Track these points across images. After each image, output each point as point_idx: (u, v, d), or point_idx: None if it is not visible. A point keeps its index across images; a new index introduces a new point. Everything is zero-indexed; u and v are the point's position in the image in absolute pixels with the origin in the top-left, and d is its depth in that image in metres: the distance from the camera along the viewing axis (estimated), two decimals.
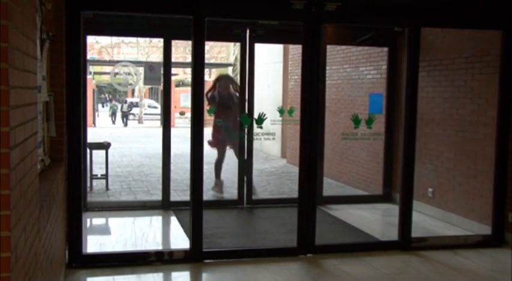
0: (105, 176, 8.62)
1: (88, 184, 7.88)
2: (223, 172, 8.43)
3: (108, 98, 35.17)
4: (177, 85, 32.72)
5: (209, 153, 6.29)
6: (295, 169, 11.20)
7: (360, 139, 6.73)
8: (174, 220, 6.75)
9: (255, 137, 6.82)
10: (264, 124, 9.24)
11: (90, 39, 26.85)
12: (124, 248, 5.65)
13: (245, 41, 7.62)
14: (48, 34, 4.09)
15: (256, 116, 6.55)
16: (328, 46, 8.40)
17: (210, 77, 31.54)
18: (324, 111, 7.94)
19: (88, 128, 7.36)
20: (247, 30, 7.45)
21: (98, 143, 8.55)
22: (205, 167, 5.35)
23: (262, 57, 15.46)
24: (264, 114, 6.41)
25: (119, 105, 32.04)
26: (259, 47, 7.85)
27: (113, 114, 30.86)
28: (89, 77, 23.18)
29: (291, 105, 8.51)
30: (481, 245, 5.73)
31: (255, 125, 6.58)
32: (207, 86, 7.29)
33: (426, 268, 5.07)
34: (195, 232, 5.08)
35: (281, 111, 8.44)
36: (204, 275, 4.92)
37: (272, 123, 8.14)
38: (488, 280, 4.83)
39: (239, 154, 7.64)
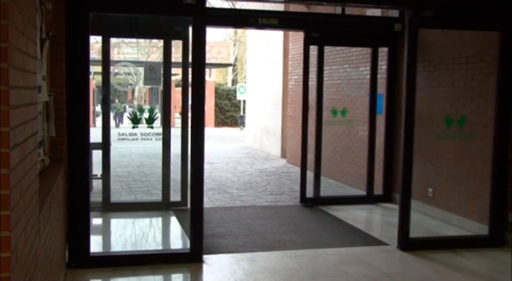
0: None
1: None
2: None
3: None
4: (177, 85, 32.73)
5: (209, 153, 6.28)
6: (295, 169, 11.26)
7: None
8: (174, 220, 6.75)
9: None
10: (265, 124, 9.20)
11: (90, 39, 26.83)
12: (124, 248, 5.65)
13: None
14: (48, 34, 4.10)
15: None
16: (327, 46, 8.41)
17: (210, 77, 31.60)
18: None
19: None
20: None
21: (98, 143, 8.54)
22: (205, 167, 5.36)
23: (262, 58, 15.49)
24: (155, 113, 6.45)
25: (122, 106, 30.22)
26: (260, 47, 7.83)
27: (117, 115, 27.64)
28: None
29: (344, 106, 8.55)
30: (481, 245, 5.73)
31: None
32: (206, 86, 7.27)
33: (426, 268, 5.07)
34: (195, 232, 5.08)
35: (334, 112, 8.47)
36: (204, 275, 4.92)
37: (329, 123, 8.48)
38: (488, 280, 4.83)
39: None
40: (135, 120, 6.62)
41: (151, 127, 5.97)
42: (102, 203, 6.99)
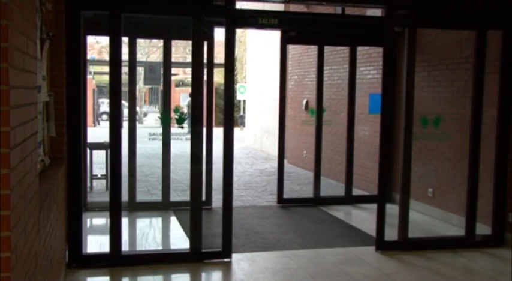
0: (105, 176, 8.61)
1: (88, 184, 7.88)
2: None
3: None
4: (177, 85, 32.73)
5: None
6: (295, 169, 11.26)
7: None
8: (174, 220, 6.75)
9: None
10: (265, 124, 9.20)
11: (90, 39, 26.83)
12: (124, 248, 5.64)
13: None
14: (48, 34, 4.09)
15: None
16: (327, 46, 8.42)
17: None
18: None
19: (88, 128, 7.37)
20: None
21: (98, 143, 8.55)
22: (205, 167, 5.36)
23: (262, 58, 15.48)
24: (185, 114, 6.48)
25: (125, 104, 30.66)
26: (260, 47, 7.84)
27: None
28: (89, 77, 23.18)
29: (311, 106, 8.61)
30: (481, 245, 5.73)
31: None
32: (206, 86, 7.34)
33: (426, 268, 5.07)
34: (194, 232, 5.08)
35: (312, 111, 8.48)
36: (204, 275, 4.92)
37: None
38: (488, 280, 4.83)
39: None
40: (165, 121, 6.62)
41: (182, 127, 6.01)
42: (128, 203, 7.04)
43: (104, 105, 29.33)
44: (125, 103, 14.10)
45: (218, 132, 6.92)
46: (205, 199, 7.34)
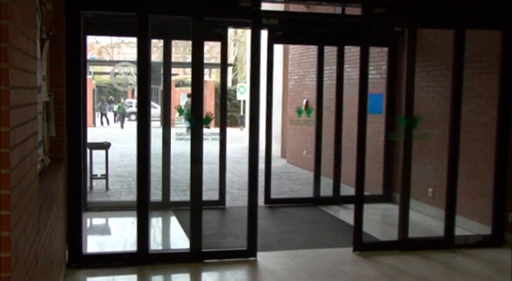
0: (105, 176, 8.61)
1: (88, 184, 7.88)
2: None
3: (110, 99, 32.91)
4: (177, 85, 32.70)
5: (209, 153, 6.29)
6: (295, 169, 11.25)
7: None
8: (174, 220, 6.75)
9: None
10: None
11: (90, 39, 26.83)
12: (124, 248, 5.65)
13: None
14: (48, 34, 4.09)
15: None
16: (327, 46, 8.41)
17: (210, 77, 31.58)
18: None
19: (88, 128, 7.37)
20: None
21: (98, 143, 8.55)
22: (205, 167, 5.37)
23: (262, 57, 15.48)
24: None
25: (128, 106, 29.12)
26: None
27: (122, 115, 27.29)
28: (89, 77, 23.16)
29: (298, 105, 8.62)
30: (481, 245, 5.73)
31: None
32: (207, 86, 7.41)
33: (426, 267, 5.07)
34: (194, 232, 5.08)
35: (299, 111, 8.47)
36: (204, 275, 4.92)
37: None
38: (488, 280, 4.83)
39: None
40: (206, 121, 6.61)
41: (208, 127, 6.04)
42: (162, 203, 7.12)
43: (133, 105, 28.99)
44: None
45: (217, 132, 7.01)
46: (219, 199, 7.40)
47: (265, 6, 9.94)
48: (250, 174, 5.16)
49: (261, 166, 11.54)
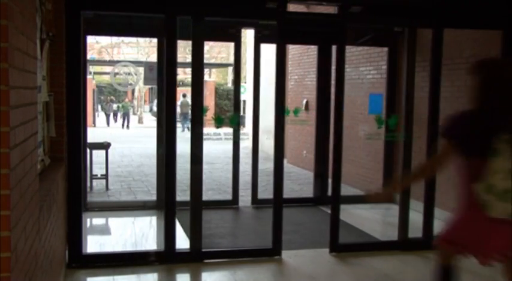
0: (105, 176, 8.62)
1: (88, 184, 7.88)
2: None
3: (110, 99, 32.50)
4: (177, 85, 32.68)
5: (209, 153, 6.30)
6: (295, 169, 11.24)
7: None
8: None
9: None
10: (265, 124, 9.19)
11: (90, 39, 26.80)
12: (124, 248, 5.65)
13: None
14: (48, 34, 4.09)
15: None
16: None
17: (210, 77, 31.58)
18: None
19: (88, 128, 7.37)
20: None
21: (98, 143, 8.55)
22: (205, 167, 5.37)
23: (262, 57, 15.46)
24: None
25: (130, 105, 28.98)
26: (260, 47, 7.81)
27: (125, 115, 26.95)
28: (89, 77, 23.16)
29: (296, 105, 8.60)
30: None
31: None
32: (206, 86, 7.44)
33: (426, 267, 5.06)
34: (194, 232, 5.08)
35: (286, 111, 8.44)
36: (204, 275, 4.92)
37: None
38: (488, 280, 4.82)
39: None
40: (219, 121, 6.66)
41: (237, 128, 6.05)
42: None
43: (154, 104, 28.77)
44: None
45: (218, 132, 7.01)
46: (232, 198, 7.39)
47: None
48: (276, 173, 5.17)
49: (266, 165, 11.60)
